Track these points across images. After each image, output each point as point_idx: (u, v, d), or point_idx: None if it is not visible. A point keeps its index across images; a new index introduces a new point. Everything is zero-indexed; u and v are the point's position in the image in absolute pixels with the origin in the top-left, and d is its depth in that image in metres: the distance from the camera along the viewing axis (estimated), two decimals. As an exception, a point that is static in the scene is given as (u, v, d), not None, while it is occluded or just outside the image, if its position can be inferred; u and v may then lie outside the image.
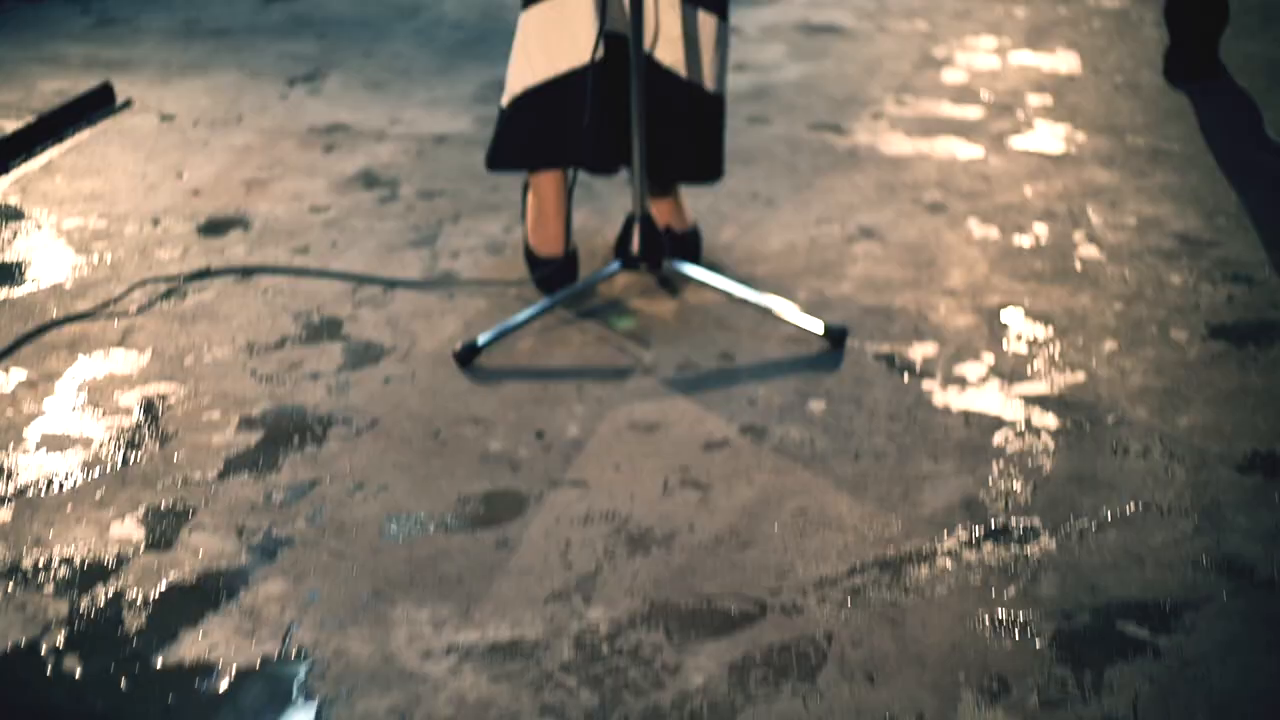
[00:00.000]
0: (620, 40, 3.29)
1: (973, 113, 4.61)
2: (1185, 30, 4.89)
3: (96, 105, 4.67)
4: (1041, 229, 3.80)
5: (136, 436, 2.92)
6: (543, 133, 3.36)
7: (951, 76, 4.93)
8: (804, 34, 5.36)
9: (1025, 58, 5.10)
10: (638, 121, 3.18)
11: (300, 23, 5.52)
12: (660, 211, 3.53)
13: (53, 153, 4.35)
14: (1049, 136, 4.41)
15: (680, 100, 3.38)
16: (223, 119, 4.57)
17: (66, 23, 5.57)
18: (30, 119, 4.43)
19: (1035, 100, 4.71)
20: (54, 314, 3.40)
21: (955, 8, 5.68)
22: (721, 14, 3.38)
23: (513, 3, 5.46)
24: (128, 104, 4.71)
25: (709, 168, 3.51)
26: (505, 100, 3.39)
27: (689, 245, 3.56)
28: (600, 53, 3.25)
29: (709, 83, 3.41)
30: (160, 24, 5.52)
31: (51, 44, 5.31)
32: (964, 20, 5.52)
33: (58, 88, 4.74)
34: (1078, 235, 3.76)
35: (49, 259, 3.68)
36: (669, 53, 3.35)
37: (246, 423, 2.96)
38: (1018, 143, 4.37)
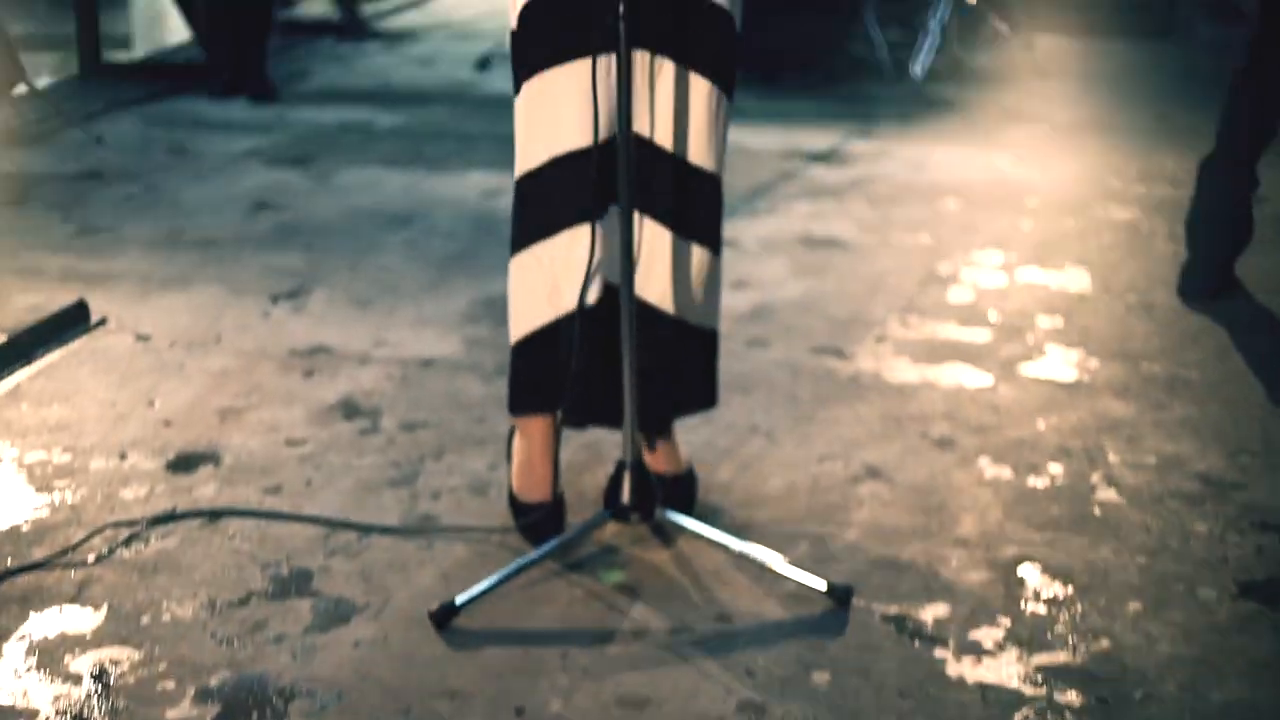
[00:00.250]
0: (608, 286, 3.13)
1: (980, 335, 4.43)
2: (1207, 246, 4.71)
3: (70, 324, 4.49)
4: (1057, 468, 3.60)
5: (85, 709, 2.69)
6: (548, 378, 3.20)
7: (957, 295, 4.77)
8: (805, 248, 5.21)
9: (1033, 275, 4.94)
10: (629, 366, 3.01)
11: (288, 233, 5.36)
12: (652, 455, 3.33)
13: (20, 376, 4.16)
14: (1061, 363, 4.23)
15: (672, 339, 3.22)
16: (201, 339, 4.39)
17: (46, 230, 5.42)
18: (0, 339, 4.26)
19: (1045, 322, 4.53)
20: (8, 562, 3.19)
21: (960, 220, 5.53)
22: (714, 248, 3.22)
23: (506, 213, 5.32)
24: (103, 322, 4.53)
25: (702, 397, 3.35)
26: (511, 342, 3.24)
27: (683, 490, 3.36)
28: (594, 297, 3.10)
29: (702, 318, 3.25)
30: (144, 233, 5.37)
31: (29, 254, 5.15)
32: (969, 233, 5.37)
33: (32, 303, 4.56)
34: (1095, 476, 3.56)
35: (7, 498, 3.47)
36: (659, 291, 3.18)
37: (203, 694, 2.73)
38: (1028, 370, 4.18)
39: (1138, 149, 6.56)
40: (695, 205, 3.18)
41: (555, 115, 3.06)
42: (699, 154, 3.14)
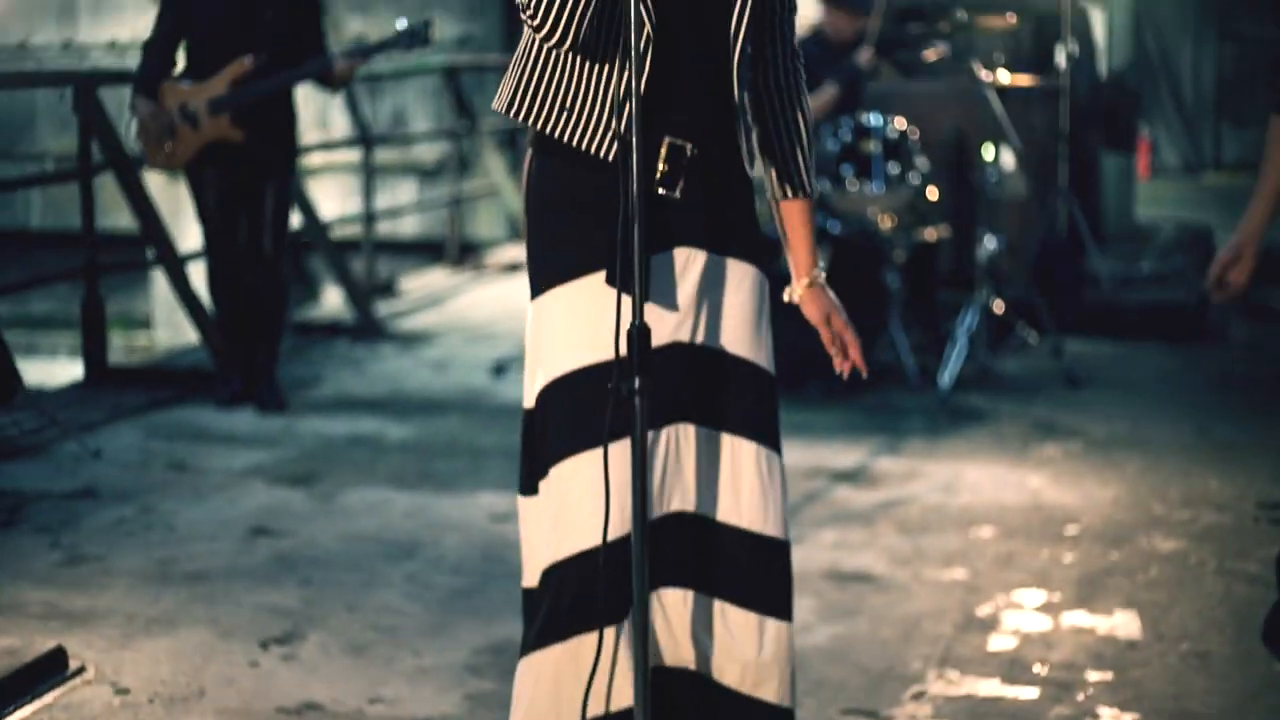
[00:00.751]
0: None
1: (1027, 693, 4.10)
2: None
3: (46, 674, 4.18)
4: None
5: None
6: None
7: (999, 643, 4.44)
8: (833, 584, 4.90)
9: (1079, 618, 4.62)
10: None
11: (284, 564, 5.07)
12: None
13: (-14, 739, 3.85)
14: (1115, 729, 3.89)
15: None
16: (182, 694, 4.07)
17: (32, 557, 5.14)
18: (-32, 695, 3.95)
19: (1094, 676, 4.20)
20: None
21: (996, 551, 5.23)
22: (785, 615, 2.89)
23: (517, 541, 5.03)
24: (81, 670, 4.22)
25: None
26: None
27: None
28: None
29: (779, 696, 2.90)
30: (133, 564, 5.07)
31: (12, 586, 4.86)
32: (1007, 568, 5.06)
33: (8, 646, 4.27)
34: None
35: None
36: (716, 663, 2.88)
37: None
38: (1081, 738, 3.85)
39: (1178, 467, 6.27)
40: (761, 574, 2.90)
41: (568, 510, 2.79)
42: (766, 522, 2.87)
